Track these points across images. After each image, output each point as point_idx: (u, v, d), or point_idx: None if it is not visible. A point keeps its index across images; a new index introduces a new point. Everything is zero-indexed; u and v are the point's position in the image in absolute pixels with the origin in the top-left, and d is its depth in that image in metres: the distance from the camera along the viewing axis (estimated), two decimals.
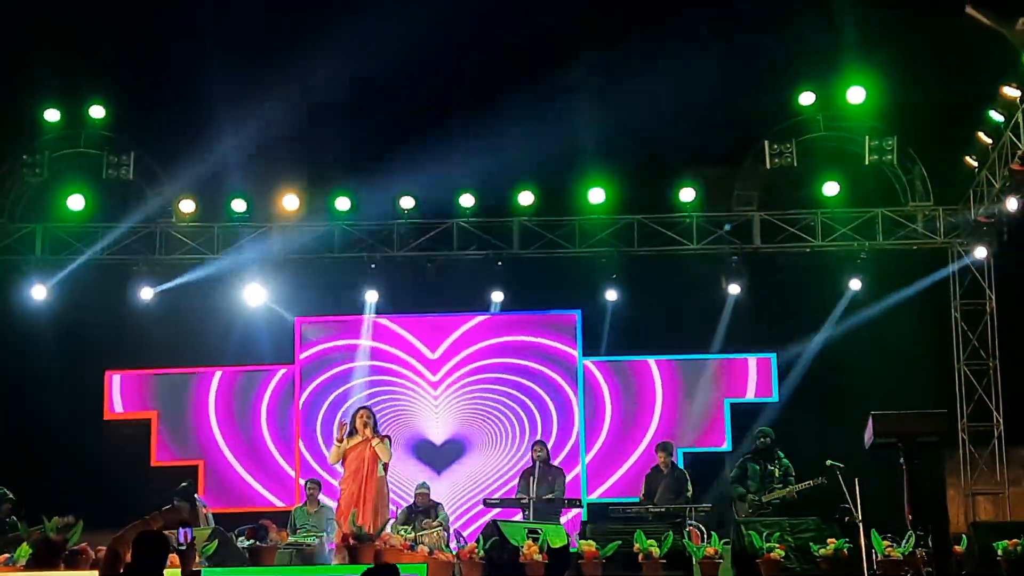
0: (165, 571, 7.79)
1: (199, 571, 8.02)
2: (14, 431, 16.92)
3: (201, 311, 17.50)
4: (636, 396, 17.73)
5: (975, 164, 16.03)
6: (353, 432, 12.83)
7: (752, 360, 17.55)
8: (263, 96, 16.18)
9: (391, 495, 13.41)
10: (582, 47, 16.38)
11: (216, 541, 11.53)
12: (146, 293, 17.30)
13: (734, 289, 17.20)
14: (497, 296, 17.57)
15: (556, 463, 15.85)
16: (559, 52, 16.41)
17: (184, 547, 8.25)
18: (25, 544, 11.46)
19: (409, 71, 16.61)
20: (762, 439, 14.72)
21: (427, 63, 16.55)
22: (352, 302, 17.70)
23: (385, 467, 12.77)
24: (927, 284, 16.95)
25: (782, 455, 14.67)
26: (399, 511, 15.26)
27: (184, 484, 15.11)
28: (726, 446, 17.29)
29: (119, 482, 16.42)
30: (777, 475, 14.49)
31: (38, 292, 17.29)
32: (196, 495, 14.99)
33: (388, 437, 13.01)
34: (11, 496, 14.24)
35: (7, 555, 11.43)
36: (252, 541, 12.09)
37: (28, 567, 11.13)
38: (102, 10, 16.19)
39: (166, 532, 8.36)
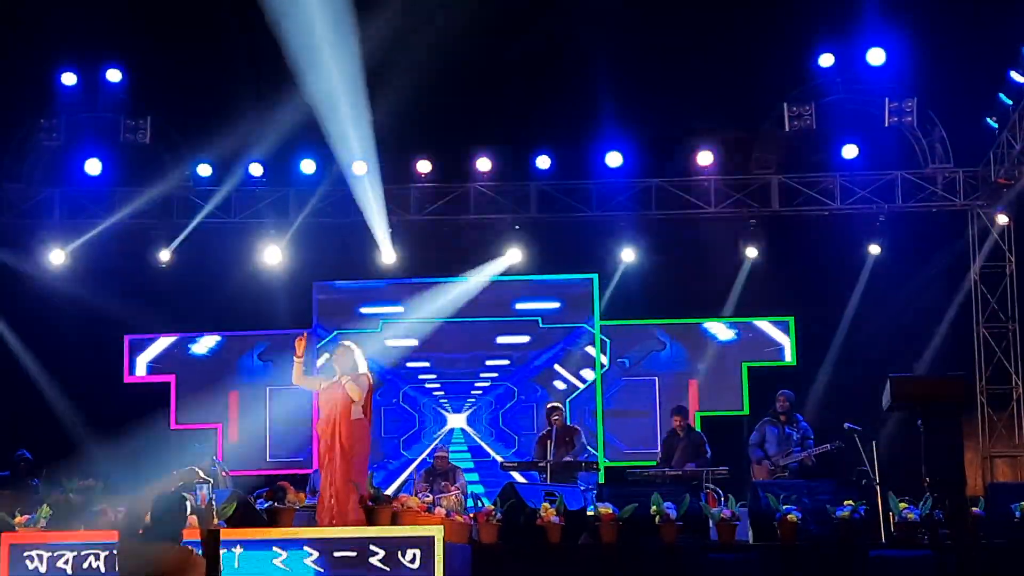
0: (184, 532, 7.85)
1: (218, 530, 8.04)
2: (34, 396, 17.00)
3: (219, 276, 17.54)
4: (652, 359, 17.75)
5: (995, 125, 15.92)
6: (331, 370, 11.50)
7: (770, 324, 17.54)
8: (280, 58, 16.13)
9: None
10: (599, 10, 16.28)
11: (235, 503, 11.57)
12: (164, 255, 17.40)
13: (752, 252, 17.18)
14: (514, 259, 17.57)
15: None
16: (576, 15, 16.32)
17: (202, 507, 8.29)
18: (46, 505, 11.54)
19: (425, 36, 16.54)
20: (782, 402, 14.69)
21: (443, 26, 16.47)
22: (370, 266, 17.72)
23: (365, 410, 11.29)
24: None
25: (801, 419, 14.66)
26: (418, 474, 15.35)
27: (201, 446, 15.17)
28: (743, 410, 17.29)
29: (139, 445, 16.50)
30: (795, 438, 14.49)
31: (56, 257, 17.36)
32: (215, 458, 15.06)
33: (366, 374, 11.38)
34: (29, 457, 14.33)
35: (28, 516, 11.51)
36: (270, 503, 12.12)
37: (48, 527, 11.20)
38: None
39: (184, 493, 8.40)
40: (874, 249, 16.99)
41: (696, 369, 17.62)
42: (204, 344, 18.05)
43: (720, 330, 17.64)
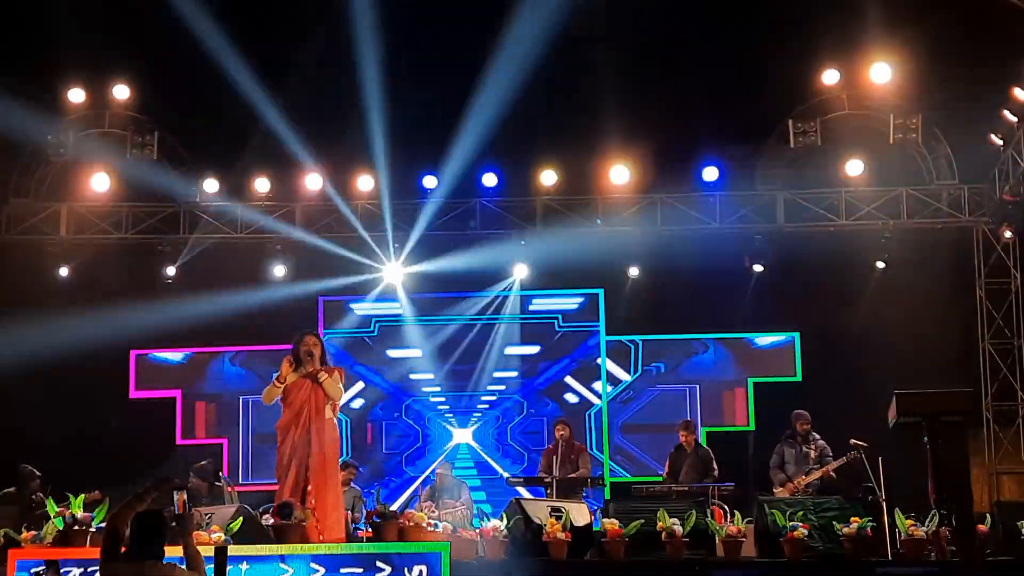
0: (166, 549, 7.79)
1: (224, 546, 8.00)
2: (40, 411, 16.99)
3: (225, 291, 17.54)
4: (659, 375, 17.76)
5: (1000, 142, 15.94)
6: (298, 365, 10.61)
7: (775, 339, 17.55)
8: (285, 76, 16.20)
9: None
10: (605, 26, 16.34)
11: (241, 519, 11.56)
12: (170, 271, 17.45)
13: (758, 268, 17.20)
14: (520, 275, 17.60)
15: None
16: (582, 31, 16.35)
17: (180, 515, 8.15)
18: (52, 522, 11.51)
19: (427, 50, 16.60)
20: (802, 424, 14.55)
21: (446, 43, 16.54)
22: (375, 280, 17.75)
23: (334, 409, 10.65)
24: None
25: (817, 437, 14.54)
26: (423, 490, 15.35)
27: (204, 462, 15.16)
28: (748, 425, 17.29)
29: (145, 461, 16.50)
30: (813, 457, 14.38)
31: (63, 272, 17.40)
32: (221, 473, 15.06)
33: (341, 369, 10.79)
34: (39, 474, 14.32)
35: (34, 532, 11.49)
36: (276, 519, 12.09)
37: (54, 544, 11.17)
38: None
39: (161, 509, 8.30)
40: (879, 265, 17.01)
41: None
42: (210, 359, 18.08)
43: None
